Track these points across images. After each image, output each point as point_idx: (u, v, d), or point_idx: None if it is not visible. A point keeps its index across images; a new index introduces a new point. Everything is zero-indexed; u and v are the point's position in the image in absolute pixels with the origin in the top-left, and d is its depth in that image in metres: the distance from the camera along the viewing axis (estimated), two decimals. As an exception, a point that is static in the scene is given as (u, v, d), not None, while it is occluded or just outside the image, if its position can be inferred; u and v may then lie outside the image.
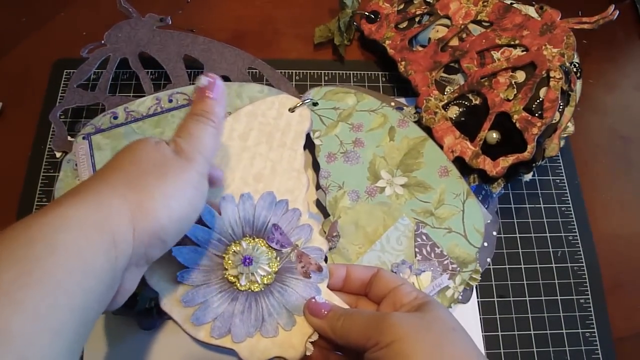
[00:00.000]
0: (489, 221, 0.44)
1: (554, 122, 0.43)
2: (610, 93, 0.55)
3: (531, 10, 0.46)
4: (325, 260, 0.41)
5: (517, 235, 0.47)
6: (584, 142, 0.52)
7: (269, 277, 0.35)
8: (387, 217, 0.43)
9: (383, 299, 0.34)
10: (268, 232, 0.36)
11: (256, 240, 0.36)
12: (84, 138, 0.43)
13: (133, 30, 0.49)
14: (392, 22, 0.51)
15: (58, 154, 0.46)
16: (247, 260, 0.35)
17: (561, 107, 0.43)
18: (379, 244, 0.42)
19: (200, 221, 0.35)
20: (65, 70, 0.52)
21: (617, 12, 0.43)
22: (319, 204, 0.44)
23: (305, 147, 0.42)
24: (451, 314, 0.31)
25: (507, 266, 0.45)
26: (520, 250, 0.46)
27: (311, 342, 0.34)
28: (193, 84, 0.46)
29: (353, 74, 0.53)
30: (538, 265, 0.46)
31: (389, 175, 0.44)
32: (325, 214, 0.43)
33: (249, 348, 0.33)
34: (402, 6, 0.52)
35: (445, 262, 0.42)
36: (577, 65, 0.45)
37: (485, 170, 0.43)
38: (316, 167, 0.45)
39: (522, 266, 0.45)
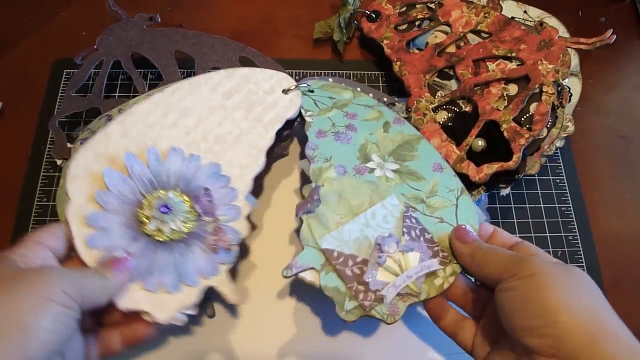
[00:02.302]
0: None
1: (540, 137, 0.43)
2: (610, 93, 0.55)
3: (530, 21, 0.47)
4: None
5: (517, 235, 0.47)
6: (584, 142, 0.52)
7: (178, 234, 0.35)
8: (374, 195, 0.39)
9: None
10: (197, 193, 0.36)
11: (184, 196, 0.36)
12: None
13: (124, 32, 0.49)
14: (392, 23, 0.51)
15: (59, 162, 0.46)
16: (165, 208, 0.35)
17: (549, 122, 0.43)
18: (363, 218, 0.38)
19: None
20: (65, 70, 0.52)
21: (615, 36, 0.44)
22: (302, 174, 0.42)
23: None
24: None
25: (507, 266, 0.45)
26: (520, 250, 0.46)
27: (185, 314, 0.34)
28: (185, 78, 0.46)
29: (353, 73, 0.53)
30: (538, 265, 0.46)
31: (380, 160, 0.41)
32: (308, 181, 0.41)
33: (160, 304, 0.33)
34: (404, 9, 0.52)
35: (436, 248, 0.38)
36: (568, 88, 0.45)
37: (468, 176, 0.43)
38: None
39: (522, 266, 0.45)
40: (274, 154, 0.44)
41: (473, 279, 0.37)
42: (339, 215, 0.38)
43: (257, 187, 0.44)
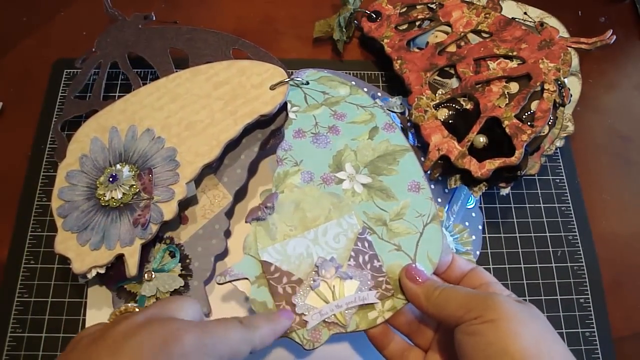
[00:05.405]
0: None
1: (542, 134, 0.43)
2: (610, 93, 0.55)
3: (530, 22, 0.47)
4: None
5: (517, 234, 0.47)
6: (584, 142, 0.52)
7: (116, 202, 0.39)
8: (333, 209, 0.38)
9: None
10: (143, 172, 0.39)
11: (134, 171, 0.40)
12: None
13: (120, 32, 0.49)
14: (392, 22, 0.51)
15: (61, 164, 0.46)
16: (113, 178, 0.39)
17: (551, 120, 0.43)
18: (313, 233, 0.37)
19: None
20: (66, 70, 0.52)
21: (614, 36, 0.44)
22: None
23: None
24: None
25: (507, 266, 0.45)
26: (520, 250, 0.46)
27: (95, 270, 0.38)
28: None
29: (352, 73, 0.53)
30: (538, 265, 0.46)
31: (353, 170, 0.40)
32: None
33: (81, 256, 0.38)
34: (404, 9, 0.52)
35: (380, 279, 0.36)
36: (569, 89, 0.45)
37: (470, 171, 0.42)
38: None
39: (522, 266, 0.46)
40: (267, 149, 0.44)
41: None
42: (290, 227, 0.37)
43: (242, 191, 0.44)
